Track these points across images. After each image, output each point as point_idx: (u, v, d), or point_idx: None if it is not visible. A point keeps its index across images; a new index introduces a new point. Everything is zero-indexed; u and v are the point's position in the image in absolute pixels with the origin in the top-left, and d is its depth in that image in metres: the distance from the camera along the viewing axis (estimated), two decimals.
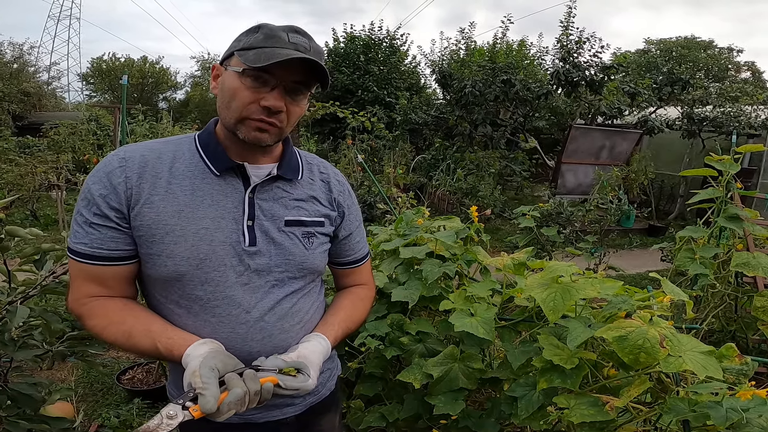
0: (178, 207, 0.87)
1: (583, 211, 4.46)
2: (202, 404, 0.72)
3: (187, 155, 0.92)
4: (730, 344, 1.08)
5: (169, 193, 0.88)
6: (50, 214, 6.66)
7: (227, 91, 0.87)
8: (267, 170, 0.94)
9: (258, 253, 0.91)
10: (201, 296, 0.88)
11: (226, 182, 0.91)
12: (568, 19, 7.83)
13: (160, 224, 0.86)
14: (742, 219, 2.01)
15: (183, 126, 10.10)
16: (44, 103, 16.17)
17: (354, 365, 1.59)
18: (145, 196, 0.86)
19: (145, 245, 0.87)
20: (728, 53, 24.26)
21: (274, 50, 0.83)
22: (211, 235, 0.87)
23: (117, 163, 0.87)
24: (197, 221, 0.87)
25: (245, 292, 0.90)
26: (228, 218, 0.89)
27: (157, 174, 0.88)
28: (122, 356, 2.99)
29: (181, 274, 0.87)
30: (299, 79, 0.87)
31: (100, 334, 0.86)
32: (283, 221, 0.94)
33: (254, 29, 0.88)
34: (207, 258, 0.87)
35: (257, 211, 0.92)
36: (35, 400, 1.22)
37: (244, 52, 0.85)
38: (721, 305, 2.22)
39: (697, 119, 7.91)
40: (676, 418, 0.96)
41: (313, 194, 1.00)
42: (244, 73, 0.84)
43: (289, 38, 0.85)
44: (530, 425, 1.15)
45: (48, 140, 8.89)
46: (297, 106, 0.90)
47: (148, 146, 0.92)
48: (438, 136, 9.52)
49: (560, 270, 1.13)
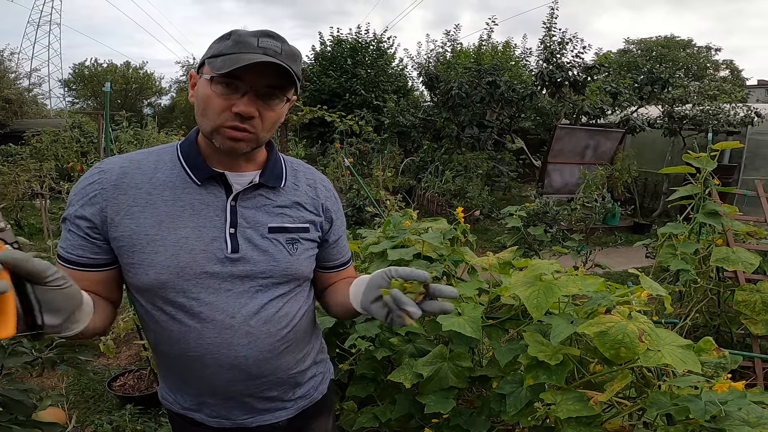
0: (158, 217, 0.88)
1: (569, 210, 4.54)
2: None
3: (168, 165, 0.92)
4: (707, 338, 1.12)
5: (150, 203, 0.88)
6: (35, 223, 6.56)
7: (201, 100, 0.87)
8: (249, 178, 0.94)
9: (241, 260, 0.91)
10: (184, 303, 0.88)
11: (208, 191, 0.91)
12: (551, 20, 7.96)
13: (140, 235, 0.87)
14: (720, 215, 2.06)
15: (169, 132, 10.00)
16: (26, 110, 15.89)
17: (345, 367, 1.60)
18: (125, 208, 0.87)
19: (125, 255, 0.87)
20: (707, 52, 24.77)
21: (241, 55, 0.82)
22: (191, 244, 0.88)
23: (96, 177, 0.89)
24: (177, 231, 0.88)
25: (228, 297, 0.90)
26: (209, 227, 0.90)
27: (137, 185, 0.89)
28: (113, 363, 2.97)
29: (162, 282, 0.87)
30: (270, 83, 0.86)
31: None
32: (267, 228, 0.94)
33: (226, 36, 0.88)
34: (187, 266, 0.87)
35: (239, 219, 0.92)
36: (26, 406, 1.22)
37: (213, 60, 0.85)
38: (703, 300, 2.27)
39: (678, 118, 8.07)
40: (659, 412, 0.98)
41: (297, 200, 1.00)
42: (214, 81, 0.85)
43: (258, 42, 0.85)
44: (520, 422, 1.18)
45: (30, 148, 8.74)
46: (271, 110, 0.89)
47: (129, 157, 0.93)
48: (426, 138, 9.58)
49: (543, 268, 1.16)
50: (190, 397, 0.97)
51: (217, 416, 0.97)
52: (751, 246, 2.19)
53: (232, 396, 0.95)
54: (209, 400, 0.96)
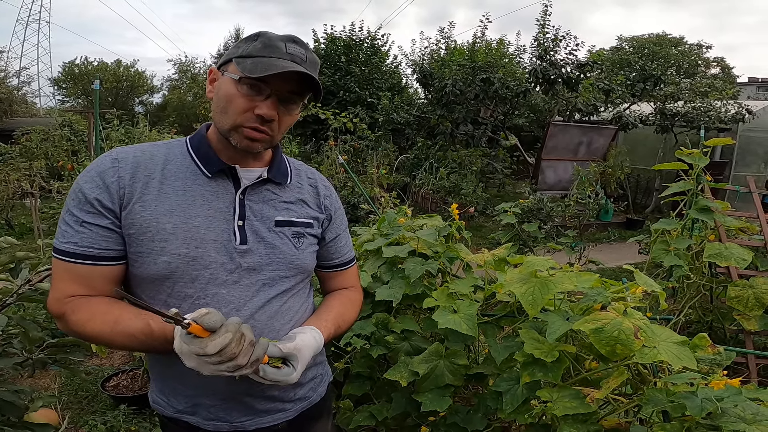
0: (170, 206, 0.88)
1: (563, 206, 4.56)
2: (205, 320, 0.73)
3: (179, 158, 0.94)
4: (702, 334, 1.12)
5: (162, 192, 0.89)
6: (25, 223, 6.49)
7: (223, 97, 0.89)
8: (257, 173, 0.97)
9: (249, 252, 0.92)
10: (191, 294, 0.89)
11: (218, 184, 0.94)
12: (545, 17, 7.96)
13: (151, 222, 0.87)
14: (712, 210, 2.07)
15: (161, 130, 9.92)
16: (15, 109, 15.68)
17: (341, 365, 1.59)
18: (138, 195, 0.87)
19: (135, 243, 0.87)
20: (698, 49, 24.96)
21: (271, 60, 0.86)
22: (202, 233, 0.89)
23: (110, 164, 0.88)
24: (189, 220, 0.89)
25: (235, 290, 0.91)
26: (219, 218, 0.91)
27: (149, 174, 0.90)
28: (105, 363, 2.95)
29: (170, 271, 0.87)
30: (293, 89, 0.90)
31: (83, 328, 0.85)
32: (273, 221, 0.96)
33: (253, 37, 0.91)
34: (198, 255, 0.88)
35: (248, 211, 0.94)
36: (18, 407, 1.21)
37: (242, 60, 0.87)
38: (697, 296, 2.27)
39: (670, 114, 8.13)
40: (655, 409, 0.98)
41: (301, 197, 1.03)
42: (241, 81, 0.87)
43: (286, 48, 0.88)
44: (516, 419, 1.17)
45: (20, 147, 8.62)
46: (289, 115, 0.93)
47: (140, 148, 0.94)
48: (420, 135, 9.58)
49: (538, 264, 1.15)
50: (185, 399, 0.96)
51: (214, 418, 0.95)
52: (743, 242, 2.20)
53: (232, 395, 0.94)
54: (206, 401, 0.94)
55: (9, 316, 1.19)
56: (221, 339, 0.73)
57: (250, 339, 0.78)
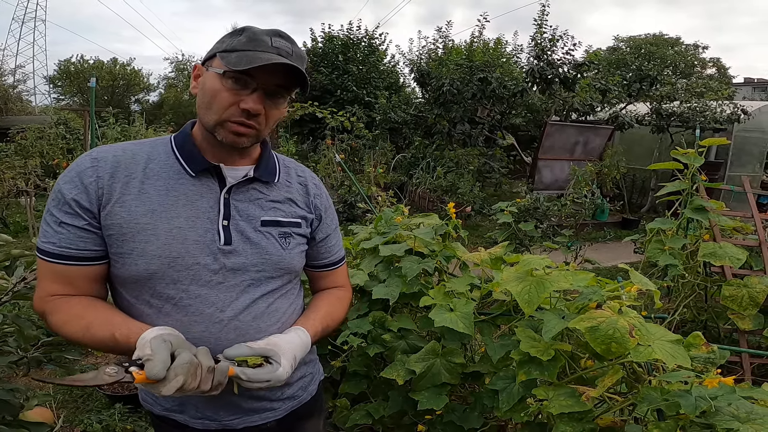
0: (151, 206, 0.87)
1: (560, 205, 4.57)
2: (148, 368, 0.71)
3: (162, 156, 0.92)
4: (697, 333, 1.12)
5: (143, 192, 0.87)
6: (20, 221, 6.45)
7: (207, 92, 0.87)
8: (243, 172, 0.94)
9: (233, 252, 0.91)
10: (173, 295, 0.87)
11: (202, 183, 0.92)
12: (542, 17, 7.97)
13: (131, 223, 0.85)
14: (707, 210, 2.08)
15: (157, 128, 9.89)
16: (10, 107, 15.60)
17: (338, 364, 1.60)
18: (117, 196, 0.86)
19: (115, 244, 0.86)
20: (694, 50, 25.08)
21: (256, 54, 0.84)
22: (184, 234, 0.87)
23: (89, 163, 0.87)
24: (170, 220, 0.87)
25: (219, 290, 0.90)
26: (203, 218, 0.90)
27: (130, 174, 0.88)
28: (101, 361, 2.93)
29: (152, 272, 0.86)
30: (280, 82, 0.88)
31: (61, 329, 0.85)
32: (260, 221, 0.94)
33: (238, 32, 0.89)
34: (179, 256, 0.87)
35: (233, 211, 0.92)
36: (13, 405, 1.20)
37: (226, 54, 0.86)
38: (691, 295, 2.28)
39: (666, 114, 8.16)
40: (650, 407, 0.99)
41: (289, 196, 1.00)
42: (225, 75, 0.85)
43: (272, 42, 0.86)
44: (512, 417, 1.18)
45: (15, 145, 8.58)
46: (276, 109, 0.91)
47: (122, 147, 0.92)
48: (417, 134, 9.58)
49: (534, 263, 1.16)
50: (172, 397, 0.96)
51: (201, 417, 0.95)
52: (737, 241, 2.21)
53: (218, 395, 0.94)
54: (193, 399, 0.94)
55: (4, 314, 1.19)
56: (173, 383, 0.72)
57: (208, 366, 0.77)
